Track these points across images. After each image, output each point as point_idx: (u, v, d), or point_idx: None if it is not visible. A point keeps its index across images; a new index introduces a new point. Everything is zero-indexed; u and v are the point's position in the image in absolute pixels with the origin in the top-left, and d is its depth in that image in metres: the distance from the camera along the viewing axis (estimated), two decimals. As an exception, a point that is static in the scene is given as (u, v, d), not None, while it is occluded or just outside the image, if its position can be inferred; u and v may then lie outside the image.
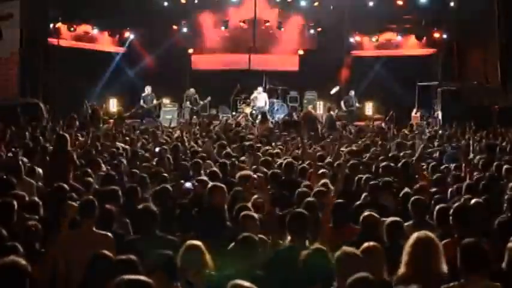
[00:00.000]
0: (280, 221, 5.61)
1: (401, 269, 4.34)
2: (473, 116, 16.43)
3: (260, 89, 21.18)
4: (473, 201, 6.19)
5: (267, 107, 20.93)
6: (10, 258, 3.58)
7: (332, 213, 5.97)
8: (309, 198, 6.17)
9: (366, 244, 4.51)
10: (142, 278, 3.41)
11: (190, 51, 22.69)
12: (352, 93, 20.91)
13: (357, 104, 20.83)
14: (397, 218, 5.36)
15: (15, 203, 5.60)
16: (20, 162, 7.89)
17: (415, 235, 4.45)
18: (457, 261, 4.22)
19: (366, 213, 5.45)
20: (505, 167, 8.46)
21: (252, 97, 21.13)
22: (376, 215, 5.46)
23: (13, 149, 9.57)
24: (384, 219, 5.46)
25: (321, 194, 6.58)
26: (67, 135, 8.99)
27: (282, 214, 5.96)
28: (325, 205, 6.25)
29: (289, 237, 5.15)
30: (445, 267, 4.37)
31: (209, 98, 21.15)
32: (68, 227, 5.89)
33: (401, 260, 4.37)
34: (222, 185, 6.37)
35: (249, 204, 6.18)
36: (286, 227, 5.16)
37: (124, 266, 3.94)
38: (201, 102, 21.13)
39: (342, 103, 20.91)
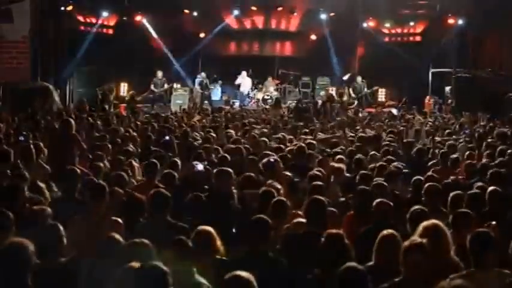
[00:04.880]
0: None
1: None
2: (487, 103, 16.25)
3: (244, 73, 21.13)
4: (489, 189, 6.10)
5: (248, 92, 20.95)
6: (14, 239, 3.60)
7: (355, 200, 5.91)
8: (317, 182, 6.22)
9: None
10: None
11: (202, 35, 22.54)
12: (360, 79, 20.76)
13: (366, 90, 20.68)
14: (422, 207, 5.22)
15: (23, 185, 5.57)
16: (31, 146, 7.86)
17: (423, 224, 4.41)
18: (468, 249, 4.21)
19: (378, 200, 5.38)
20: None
21: (236, 82, 21.20)
22: (388, 202, 5.39)
23: (24, 133, 9.55)
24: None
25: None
26: (71, 120, 8.94)
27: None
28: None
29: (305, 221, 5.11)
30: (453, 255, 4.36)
31: (220, 82, 21.00)
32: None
33: None
34: (228, 170, 6.34)
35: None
36: (304, 212, 5.18)
37: (135, 249, 3.92)
38: (212, 87, 21.04)
39: (351, 90, 20.78)
